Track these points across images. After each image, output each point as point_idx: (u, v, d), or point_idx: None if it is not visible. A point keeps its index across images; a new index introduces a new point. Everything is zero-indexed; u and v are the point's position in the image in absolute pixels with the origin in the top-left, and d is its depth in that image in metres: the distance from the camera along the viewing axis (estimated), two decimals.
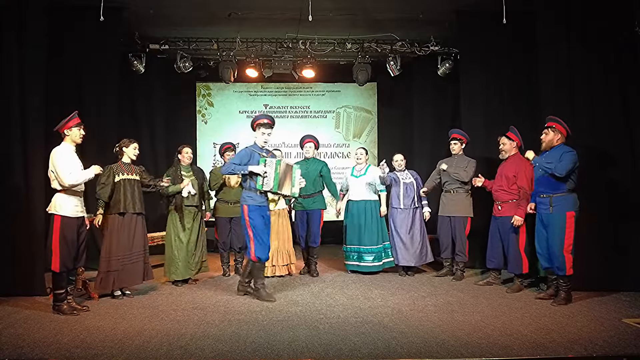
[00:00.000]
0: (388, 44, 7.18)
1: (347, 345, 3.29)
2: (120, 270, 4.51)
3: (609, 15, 4.96)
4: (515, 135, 5.00)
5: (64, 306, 4.04)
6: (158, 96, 7.86)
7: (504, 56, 6.08)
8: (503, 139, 5.04)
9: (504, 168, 5.02)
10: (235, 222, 5.67)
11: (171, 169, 5.28)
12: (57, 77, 5.60)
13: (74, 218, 4.09)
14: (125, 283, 4.59)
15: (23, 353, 3.16)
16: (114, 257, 4.49)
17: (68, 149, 4.14)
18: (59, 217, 4.01)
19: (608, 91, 4.94)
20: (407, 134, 8.27)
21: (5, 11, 4.68)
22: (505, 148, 5.03)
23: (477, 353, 3.13)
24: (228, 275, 5.70)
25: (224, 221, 5.69)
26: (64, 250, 3.99)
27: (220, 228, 5.72)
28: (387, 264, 5.72)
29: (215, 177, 5.71)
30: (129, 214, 4.57)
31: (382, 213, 5.74)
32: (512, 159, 4.97)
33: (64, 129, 4.13)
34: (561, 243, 4.30)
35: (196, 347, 3.26)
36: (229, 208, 5.66)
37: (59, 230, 4.00)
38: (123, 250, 4.53)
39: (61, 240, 3.99)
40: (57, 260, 3.97)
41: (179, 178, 5.17)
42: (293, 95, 8.74)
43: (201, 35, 7.11)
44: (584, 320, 3.84)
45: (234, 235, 5.71)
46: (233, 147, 5.85)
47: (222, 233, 5.71)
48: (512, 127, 5.05)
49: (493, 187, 5.08)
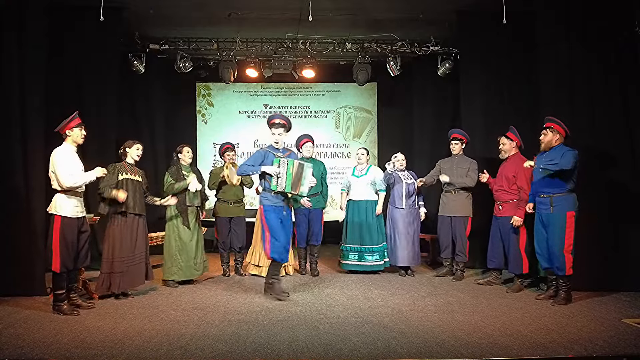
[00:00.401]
0: (388, 44, 7.18)
1: (347, 345, 3.29)
2: (124, 272, 4.52)
3: (609, 15, 4.96)
4: (514, 135, 5.00)
5: (64, 306, 4.04)
6: (158, 96, 7.87)
7: (504, 56, 6.08)
8: (503, 139, 5.05)
9: (504, 168, 5.02)
10: (235, 222, 5.69)
11: (172, 168, 5.24)
12: (57, 77, 5.60)
13: (74, 218, 4.08)
14: (129, 285, 4.60)
15: (23, 353, 3.16)
16: (117, 259, 4.50)
17: (69, 149, 4.14)
18: (59, 218, 4.01)
19: (608, 91, 4.95)
20: (407, 134, 8.27)
21: (5, 11, 4.67)
22: (505, 148, 5.04)
23: (477, 353, 3.12)
24: (228, 275, 5.71)
25: (224, 221, 5.69)
26: (64, 251, 3.99)
27: (220, 228, 5.72)
28: (387, 264, 5.74)
29: (215, 176, 5.72)
30: (131, 216, 4.58)
31: (378, 212, 5.76)
32: (512, 159, 4.97)
33: (66, 130, 4.13)
34: (561, 243, 4.30)
35: (196, 347, 3.26)
36: (229, 208, 5.66)
37: (59, 231, 3.99)
38: (126, 252, 4.54)
39: (61, 240, 3.99)
40: (57, 260, 3.97)
41: (181, 177, 5.17)
42: (293, 95, 8.74)
43: (201, 35, 7.11)
44: (584, 320, 3.84)
45: (234, 235, 5.71)
46: (233, 148, 5.86)
47: (222, 233, 5.71)
48: (511, 127, 5.05)
49: (494, 186, 5.09)
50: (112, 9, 5.70)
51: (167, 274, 5.15)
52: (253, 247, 5.80)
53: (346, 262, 5.80)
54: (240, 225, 5.75)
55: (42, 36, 4.82)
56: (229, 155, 5.77)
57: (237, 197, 5.73)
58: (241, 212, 5.77)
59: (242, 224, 5.77)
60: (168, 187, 5.09)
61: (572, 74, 4.98)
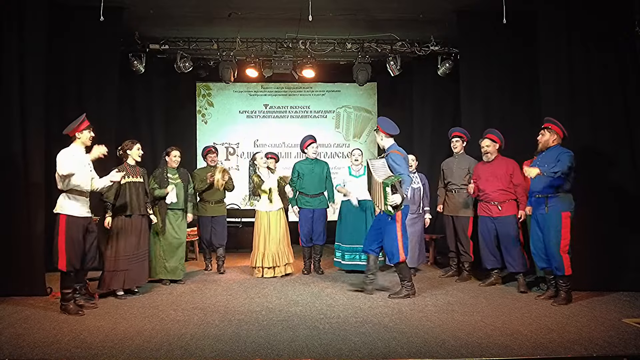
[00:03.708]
0: (388, 44, 7.18)
1: (347, 345, 3.29)
2: (128, 270, 4.59)
3: (609, 15, 4.96)
4: (497, 136, 5.06)
5: (70, 306, 4.05)
6: (158, 96, 7.86)
7: (504, 56, 6.08)
8: (486, 141, 5.07)
9: (493, 169, 5.01)
10: (216, 221, 5.87)
11: (158, 170, 5.26)
12: (57, 77, 5.60)
13: (80, 218, 4.10)
14: (133, 282, 4.67)
15: (23, 353, 3.16)
16: (122, 257, 4.56)
17: (78, 150, 4.15)
18: (65, 217, 4.02)
19: (608, 91, 4.94)
20: (407, 134, 8.22)
21: (5, 11, 4.67)
22: (490, 150, 5.06)
23: (477, 353, 3.13)
24: (210, 269, 6.01)
25: (206, 220, 5.87)
26: (70, 250, 4.00)
27: (202, 227, 5.93)
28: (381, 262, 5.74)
29: (200, 178, 5.80)
30: (136, 215, 4.67)
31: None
32: (499, 160, 5.04)
33: (76, 132, 4.14)
34: (557, 243, 4.30)
35: (196, 347, 3.26)
36: (210, 207, 5.85)
37: (64, 230, 4.00)
38: (131, 250, 4.62)
39: (67, 239, 4.00)
40: (63, 259, 3.98)
41: (165, 181, 5.17)
42: (293, 95, 8.73)
43: (201, 35, 7.10)
44: (584, 320, 3.84)
45: (214, 234, 5.88)
46: (215, 150, 6.04)
47: (204, 231, 5.93)
48: (493, 129, 5.11)
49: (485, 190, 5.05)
50: (112, 9, 5.70)
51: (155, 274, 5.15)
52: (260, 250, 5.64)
53: (345, 262, 5.78)
54: (221, 224, 5.93)
55: (42, 36, 4.82)
56: (210, 157, 5.93)
57: (218, 198, 5.92)
58: (222, 211, 5.97)
59: (223, 222, 5.96)
60: (149, 191, 5.03)
61: (572, 73, 4.97)
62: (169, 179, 5.21)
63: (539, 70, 5.20)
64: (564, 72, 4.99)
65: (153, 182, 5.15)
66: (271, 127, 8.62)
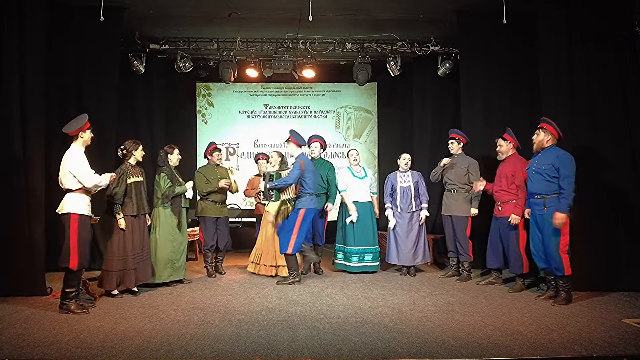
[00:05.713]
0: (388, 44, 7.18)
1: (347, 345, 3.29)
2: (136, 269, 4.63)
3: (609, 15, 4.96)
4: (510, 136, 5.04)
5: (72, 305, 4.05)
6: (158, 96, 7.86)
7: (504, 56, 6.08)
8: (499, 140, 5.08)
9: (502, 169, 5.03)
10: (220, 222, 5.74)
11: (166, 169, 5.14)
12: (57, 77, 5.60)
13: (88, 216, 4.15)
14: (141, 280, 4.71)
15: (23, 353, 3.16)
16: (130, 257, 4.59)
17: (81, 151, 4.16)
18: (76, 216, 4.03)
19: (608, 91, 4.94)
20: (407, 134, 8.26)
21: (5, 11, 4.67)
22: (502, 150, 5.06)
23: (477, 353, 3.13)
24: (214, 276, 5.66)
25: (211, 221, 5.68)
26: (82, 249, 4.03)
27: (207, 228, 5.67)
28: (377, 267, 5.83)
29: (204, 178, 5.65)
30: (140, 214, 4.70)
31: (377, 214, 5.85)
32: (510, 160, 5.00)
33: (80, 131, 4.13)
34: (557, 243, 4.30)
35: (196, 347, 3.26)
36: (215, 208, 5.69)
37: (77, 229, 4.01)
38: (137, 249, 4.66)
39: (79, 238, 4.02)
40: (75, 258, 3.99)
41: (176, 179, 5.16)
42: (293, 95, 8.73)
43: (201, 35, 7.10)
44: (584, 320, 3.85)
45: (219, 235, 5.72)
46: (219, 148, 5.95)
47: (209, 233, 5.67)
48: (507, 129, 5.09)
49: (494, 188, 5.08)
50: (112, 9, 5.70)
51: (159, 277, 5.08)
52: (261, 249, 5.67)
53: (352, 264, 5.75)
54: (225, 225, 5.81)
55: (42, 36, 4.82)
56: (217, 156, 5.80)
57: (223, 198, 5.81)
58: (226, 212, 5.86)
59: (227, 223, 5.85)
60: (168, 190, 5.04)
61: (572, 73, 4.97)
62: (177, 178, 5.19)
63: (539, 70, 5.20)
64: (564, 72, 4.99)
65: (166, 180, 5.08)
66: (271, 127, 8.61)
